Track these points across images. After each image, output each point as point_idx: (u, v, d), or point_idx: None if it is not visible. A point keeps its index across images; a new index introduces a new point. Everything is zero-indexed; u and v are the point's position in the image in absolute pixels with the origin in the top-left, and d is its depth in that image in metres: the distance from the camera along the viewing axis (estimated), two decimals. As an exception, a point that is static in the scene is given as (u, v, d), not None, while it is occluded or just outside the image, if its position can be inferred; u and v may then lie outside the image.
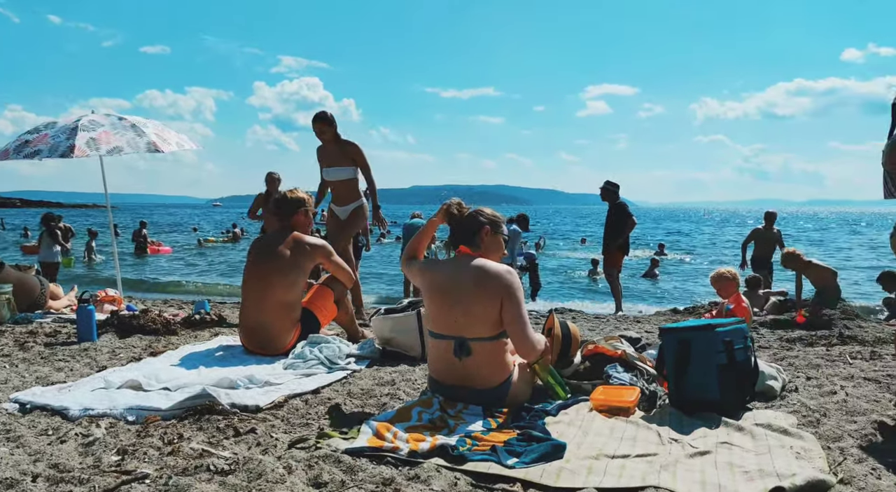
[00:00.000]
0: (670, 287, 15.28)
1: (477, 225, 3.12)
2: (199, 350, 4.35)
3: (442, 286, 3.01)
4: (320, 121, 6.02)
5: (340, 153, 6.02)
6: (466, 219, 3.14)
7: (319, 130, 6.03)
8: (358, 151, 6.03)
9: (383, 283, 14.77)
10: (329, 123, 6.01)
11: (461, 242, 3.13)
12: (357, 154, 6.02)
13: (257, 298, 4.25)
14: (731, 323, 3.10)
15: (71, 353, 4.27)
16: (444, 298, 2.99)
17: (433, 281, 3.06)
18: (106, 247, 20.34)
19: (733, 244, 32.67)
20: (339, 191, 6.11)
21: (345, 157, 6.02)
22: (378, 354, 4.24)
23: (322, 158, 6.19)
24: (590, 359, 3.58)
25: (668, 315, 7.45)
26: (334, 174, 6.07)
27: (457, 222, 3.18)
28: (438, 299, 3.02)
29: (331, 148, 6.04)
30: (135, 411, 2.89)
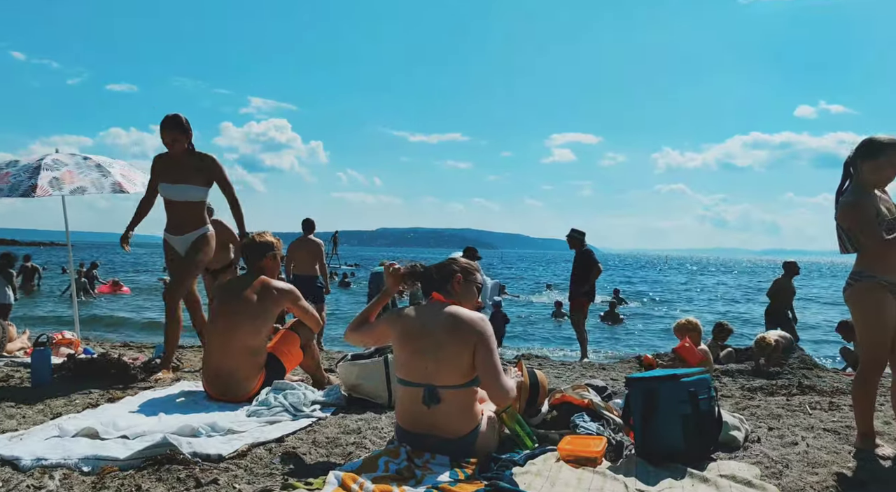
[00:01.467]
0: (636, 332, 15.45)
1: (449, 273, 3.15)
2: (159, 396, 4.23)
3: (413, 332, 3.01)
4: (173, 128, 4.92)
5: (193, 168, 4.96)
6: (441, 268, 3.18)
7: (172, 139, 4.92)
8: (217, 167, 5.03)
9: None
10: (183, 132, 4.95)
11: (434, 289, 3.15)
12: (216, 170, 5.01)
13: (222, 342, 4.17)
14: (695, 373, 3.15)
15: (23, 398, 4.12)
16: (415, 345, 2.98)
17: (404, 327, 3.05)
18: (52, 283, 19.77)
19: (698, 293, 33.26)
20: (182, 215, 5.02)
21: (198, 173, 4.97)
22: (344, 401, 4.18)
23: (164, 171, 5.01)
24: (557, 408, 3.58)
25: (632, 363, 7.50)
26: (181, 193, 4.97)
27: (423, 274, 3.22)
28: (409, 346, 3.00)
29: (181, 160, 4.96)
30: (91, 460, 2.79)
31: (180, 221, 5.04)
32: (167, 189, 4.99)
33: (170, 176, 4.98)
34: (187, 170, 4.95)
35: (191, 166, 4.97)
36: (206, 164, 4.99)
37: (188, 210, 5.02)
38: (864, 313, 3.21)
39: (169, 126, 4.92)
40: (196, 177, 4.96)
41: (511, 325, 13.63)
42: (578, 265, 9.13)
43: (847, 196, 3.27)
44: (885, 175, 3.21)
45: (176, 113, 4.95)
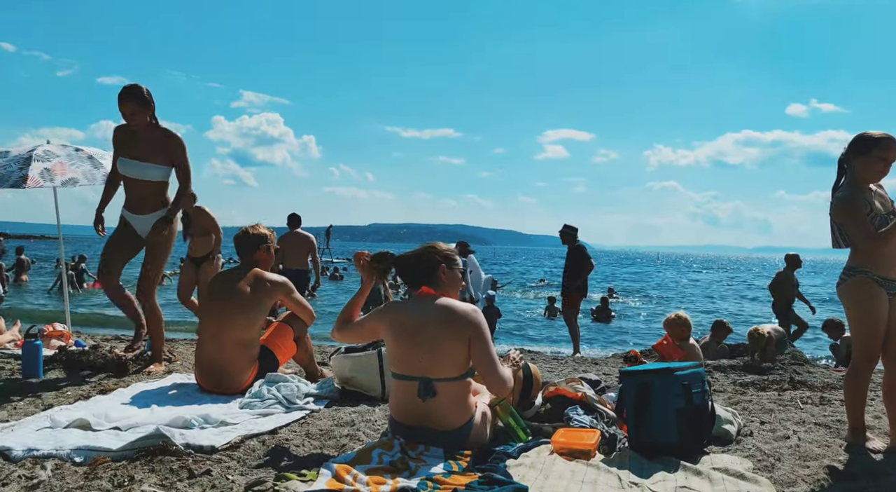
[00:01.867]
0: (629, 329, 15.50)
1: (433, 264, 3.14)
2: (151, 388, 4.22)
3: (407, 327, 3.00)
4: (130, 99, 4.53)
5: (156, 145, 4.63)
6: (422, 259, 3.16)
7: (130, 111, 4.53)
8: (180, 147, 4.68)
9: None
10: (142, 104, 4.56)
11: (421, 282, 3.13)
12: (179, 150, 4.67)
13: (215, 335, 4.16)
14: (689, 367, 3.17)
15: (15, 390, 4.09)
16: (410, 339, 2.98)
17: (398, 322, 3.04)
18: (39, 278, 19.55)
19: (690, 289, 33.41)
20: (143, 194, 4.71)
21: (161, 151, 4.64)
22: (337, 393, 4.18)
23: (124, 145, 4.67)
24: (550, 401, 3.59)
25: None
26: (140, 171, 4.63)
27: (405, 263, 3.19)
28: (404, 340, 3.00)
29: (144, 135, 4.61)
30: (83, 451, 2.78)
31: (140, 200, 4.70)
32: (126, 165, 4.63)
33: (128, 151, 4.62)
34: (148, 146, 4.60)
35: (152, 143, 4.60)
36: (169, 143, 4.62)
37: (149, 190, 4.68)
38: (856, 308, 3.23)
39: (126, 97, 4.52)
40: (157, 155, 4.62)
41: (504, 320, 13.68)
42: (571, 261, 9.17)
43: (841, 192, 3.28)
44: (877, 169, 3.23)
45: (135, 83, 4.57)
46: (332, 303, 18.56)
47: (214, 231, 6.98)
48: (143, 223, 4.75)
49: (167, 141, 4.64)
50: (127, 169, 4.66)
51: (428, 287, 3.11)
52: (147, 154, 4.61)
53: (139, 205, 4.74)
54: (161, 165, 4.66)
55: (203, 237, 7.00)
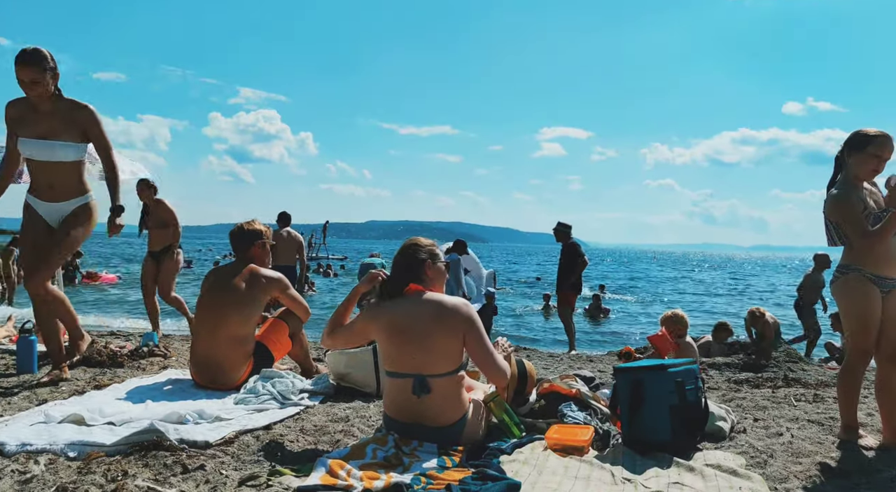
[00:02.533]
0: (623, 327, 15.51)
1: (418, 262, 3.14)
2: (146, 384, 4.21)
3: (399, 325, 2.99)
4: (30, 63, 3.82)
5: (63, 119, 3.96)
6: (406, 258, 3.15)
7: (30, 78, 3.82)
8: (93, 119, 4.03)
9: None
10: (45, 69, 3.86)
11: (409, 280, 3.12)
12: (92, 123, 4.03)
13: (210, 330, 4.16)
14: (683, 364, 3.17)
15: (9, 385, 4.09)
16: (402, 336, 2.98)
17: (390, 322, 3.03)
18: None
19: (687, 288, 33.46)
20: (54, 178, 4.04)
21: (71, 126, 3.98)
22: (332, 389, 4.18)
23: (25, 123, 3.97)
24: (545, 397, 3.60)
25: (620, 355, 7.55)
26: (48, 152, 3.94)
27: (397, 264, 3.18)
28: (397, 339, 2.99)
29: (48, 109, 3.94)
30: (76, 446, 2.78)
31: (51, 185, 4.04)
32: (29, 146, 3.92)
33: (31, 129, 3.93)
34: (55, 122, 3.93)
35: (59, 117, 3.95)
36: (79, 115, 3.96)
37: (60, 173, 4.01)
38: (850, 306, 3.24)
39: (25, 62, 3.80)
40: (68, 131, 3.96)
41: (499, 317, 13.68)
42: (565, 258, 9.22)
43: (835, 189, 3.29)
44: (871, 167, 3.24)
45: (35, 47, 3.86)
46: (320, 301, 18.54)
47: (173, 223, 6.91)
48: (56, 212, 4.09)
49: (77, 113, 3.96)
50: (31, 150, 3.94)
51: (415, 284, 3.11)
52: (55, 131, 3.93)
53: (49, 191, 4.05)
54: (73, 142, 3.97)
55: (161, 229, 6.94)
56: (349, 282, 23.50)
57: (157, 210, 6.95)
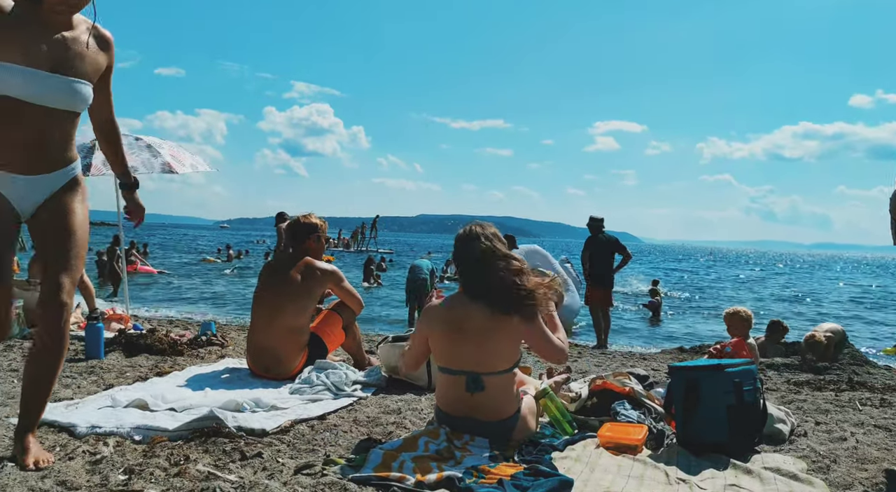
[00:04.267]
0: (677, 326, 15.21)
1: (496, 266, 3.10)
2: (205, 372, 4.35)
3: (456, 323, 2.98)
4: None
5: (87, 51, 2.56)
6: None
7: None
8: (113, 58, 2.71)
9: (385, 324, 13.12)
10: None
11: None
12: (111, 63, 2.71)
13: (266, 321, 4.26)
14: (741, 364, 3.10)
15: (78, 370, 4.28)
16: (459, 335, 2.98)
17: (446, 320, 3.02)
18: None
19: (738, 285, 32.61)
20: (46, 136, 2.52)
21: (94, 63, 2.60)
22: (384, 382, 4.24)
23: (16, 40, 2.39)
24: (597, 395, 3.57)
25: (674, 354, 7.42)
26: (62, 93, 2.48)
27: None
28: (455, 336, 2.99)
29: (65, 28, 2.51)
30: (142, 430, 2.89)
31: (38, 147, 2.50)
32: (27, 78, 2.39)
33: (33, 53, 2.41)
34: (75, 51, 2.52)
35: (81, 46, 2.54)
36: (107, 49, 2.66)
37: (57, 128, 2.54)
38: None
39: None
40: (85, 65, 2.55)
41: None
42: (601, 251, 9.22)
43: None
44: None
45: None
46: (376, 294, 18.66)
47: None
48: (35, 191, 2.54)
49: (104, 46, 2.64)
50: (30, 87, 2.40)
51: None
52: (73, 65, 2.51)
53: (33, 156, 2.50)
54: (88, 81, 2.56)
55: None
56: (397, 276, 23.61)
57: None
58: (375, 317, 13.08)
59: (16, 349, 4.90)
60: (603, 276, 9.17)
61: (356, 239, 44.15)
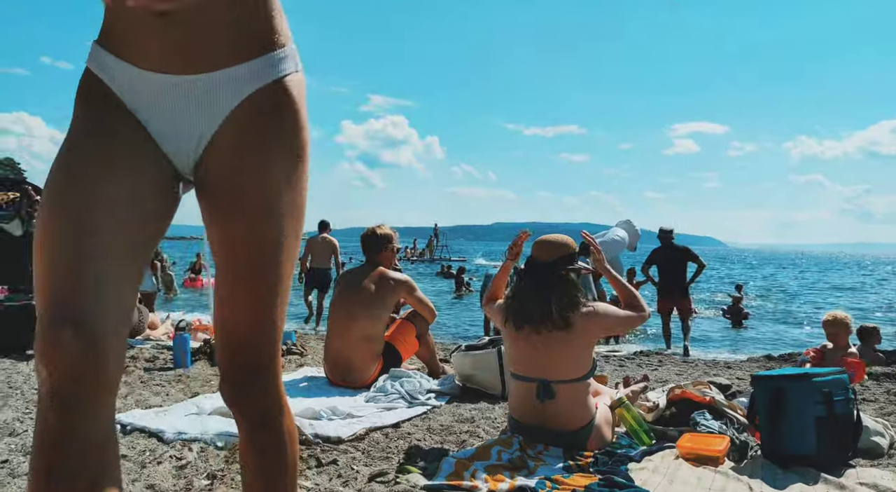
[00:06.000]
0: (763, 332, 14.53)
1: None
2: (284, 380, 4.46)
3: (525, 328, 2.98)
4: None
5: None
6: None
7: None
8: None
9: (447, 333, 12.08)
10: None
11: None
12: None
13: (342, 330, 4.36)
14: (830, 373, 2.94)
15: (167, 379, 4.49)
16: (528, 341, 2.97)
17: (513, 321, 3.04)
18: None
19: (832, 291, 30.89)
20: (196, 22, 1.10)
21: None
22: (458, 390, 4.25)
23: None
24: (676, 404, 3.45)
25: (761, 362, 7.10)
26: None
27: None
28: (522, 341, 2.99)
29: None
30: (224, 436, 3.00)
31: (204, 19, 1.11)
32: None
33: None
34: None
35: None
36: None
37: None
38: None
39: None
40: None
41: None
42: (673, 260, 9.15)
43: None
44: None
45: None
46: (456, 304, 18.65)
47: None
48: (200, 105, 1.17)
49: None
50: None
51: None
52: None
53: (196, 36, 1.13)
54: None
55: None
56: (471, 282, 23.44)
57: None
58: (452, 325, 13.12)
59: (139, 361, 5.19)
60: (676, 286, 9.06)
61: (431, 248, 44.51)
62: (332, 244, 10.37)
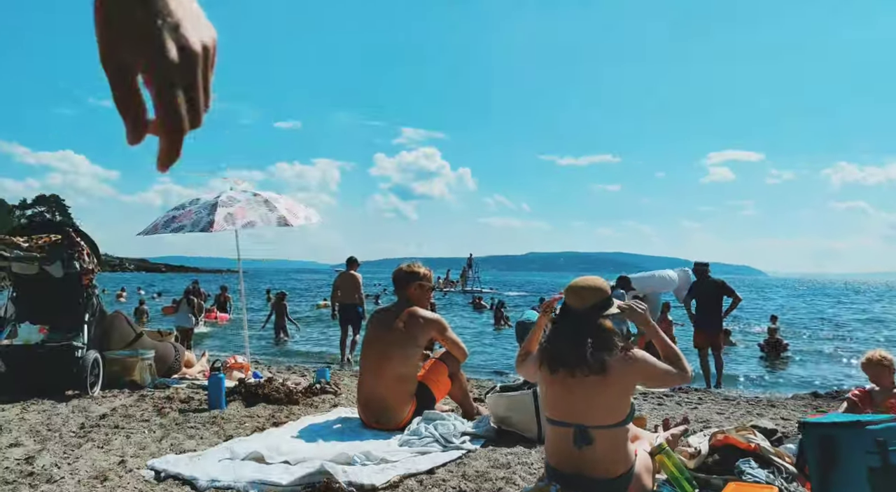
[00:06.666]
0: (805, 368, 14.04)
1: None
2: (318, 421, 4.47)
3: (561, 372, 2.92)
4: None
5: None
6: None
7: None
8: None
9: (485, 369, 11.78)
10: None
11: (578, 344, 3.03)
12: None
13: (374, 370, 4.33)
14: (884, 420, 2.81)
15: (202, 420, 4.50)
16: (563, 385, 2.90)
17: (548, 365, 2.97)
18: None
19: (877, 324, 29.87)
20: None
21: None
22: (493, 433, 4.17)
23: None
24: (718, 451, 3.33)
25: (807, 400, 6.86)
26: None
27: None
28: (557, 384, 2.92)
29: None
30: (257, 484, 2.99)
31: None
32: None
33: None
34: None
35: None
36: None
37: None
38: None
39: None
40: None
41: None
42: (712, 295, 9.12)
43: None
44: None
45: None
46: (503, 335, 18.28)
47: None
48: None
49: None
50: None
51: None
52: None
53: None
54: None
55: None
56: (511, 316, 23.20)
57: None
58: (491, 360, 13.01)
59: (147, 400, 5.23)
60: (710, 320, 9.04)
61: (464, 279, 44.44)
62: (356, 280, 10.83)
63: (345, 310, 10.86)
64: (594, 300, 2.97)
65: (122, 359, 5.94)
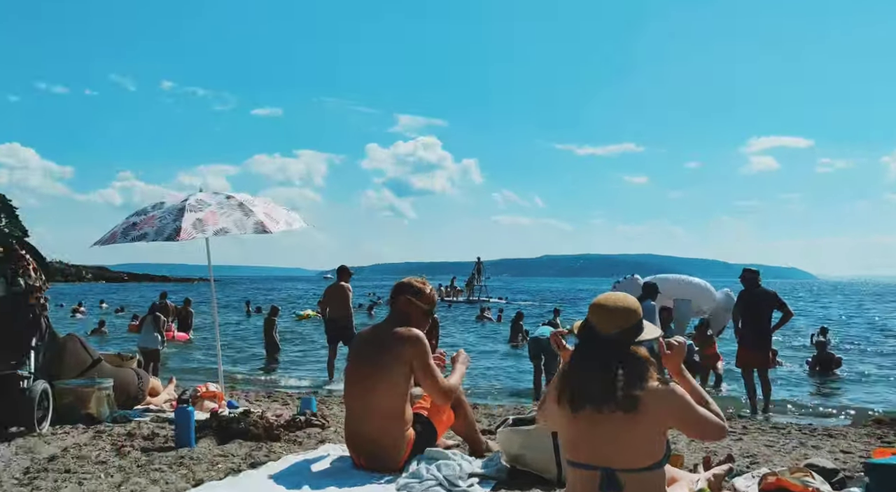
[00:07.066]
0: (865, 388, 13.89)
1: None
2: (302, 461, 4.39)
3: (581, 406, 2.84)
4: None
5: None
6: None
7: None
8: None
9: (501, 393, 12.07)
10: None
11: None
12: None
13: (360, 405, 4.14)
14: (966, 462, 2.74)
15: (167, 461, 4.42)
16: (589, 420, 2.81)
17: (570, 399, 2.88)
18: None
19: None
20: None
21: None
22: (505, 474, 4.10)
23: None
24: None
25: (870, 429, 6.77)
26: None
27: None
28: (582, 422, 2.82)
29: None
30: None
31: None
32: None
33: None
34: None
35: None
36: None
37: None
38: None
39: None
40: None
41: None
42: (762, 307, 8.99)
43: None
44: None
45: None
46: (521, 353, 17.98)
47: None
48: None
49: None
50: None
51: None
52: None
53: None
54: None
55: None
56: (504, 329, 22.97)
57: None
58: (508, 382, 12.95)
59: (105, 437, 5.17)
60: (759, 335, 8.84)
61: (471, 287, 44.46)
62: (344, 292, 11.06)
63: (333, 325, 11.00)
64: (625, 325, 2.88)
65: (76, 389, 5.88)
